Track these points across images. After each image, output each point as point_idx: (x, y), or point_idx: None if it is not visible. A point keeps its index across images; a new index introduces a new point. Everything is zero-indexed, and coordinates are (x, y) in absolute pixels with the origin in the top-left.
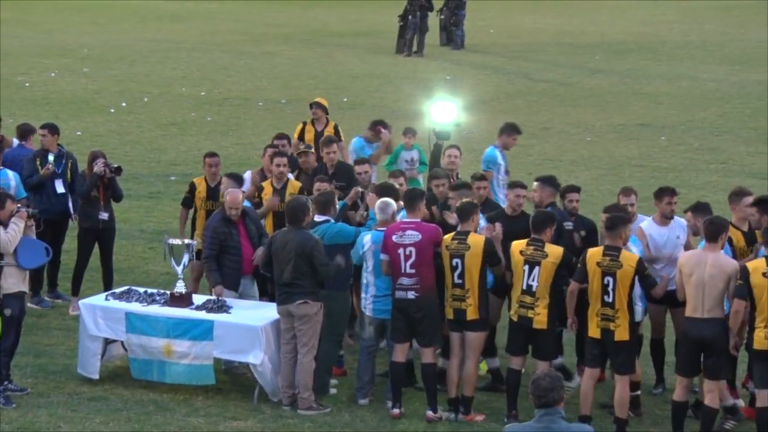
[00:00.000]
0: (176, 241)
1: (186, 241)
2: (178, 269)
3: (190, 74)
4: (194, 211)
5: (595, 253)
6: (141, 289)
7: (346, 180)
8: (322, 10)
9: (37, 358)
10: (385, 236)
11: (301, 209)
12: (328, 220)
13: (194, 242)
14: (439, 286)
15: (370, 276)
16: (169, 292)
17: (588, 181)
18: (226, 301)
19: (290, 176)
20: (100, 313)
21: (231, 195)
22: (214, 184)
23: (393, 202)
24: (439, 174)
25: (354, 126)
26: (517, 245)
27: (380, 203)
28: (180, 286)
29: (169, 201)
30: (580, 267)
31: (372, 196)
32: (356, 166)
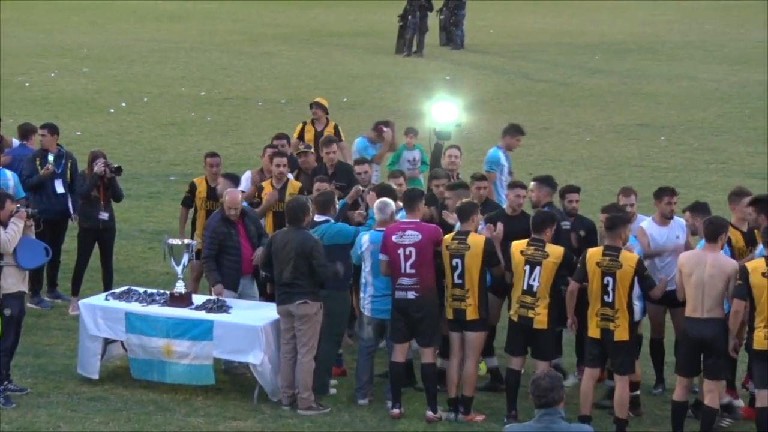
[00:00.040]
0: (176, 241)
1: (186, 241)
2: (178, 269)
3: (190, 74)
4: (194, 211)
5: (594, 253)
6: (141, 289)
7: (346, 180)
8: (321, 10)
9: (37, 358)
10: (385, 236)
11: (301, 209)
12: (328, 220)
13: (194, 242)
14: (439, 286)
15: (368, 276)
16: (168, 292)
17: (588, 181)
18: (226, 301)
19: (290, 176)
20: (100, 313)
21: (230, 195)
22: (214, 184)
23: (391, 202)
24: (439, 174)
25: (354, 126)
26: (518, 245)
27: (379, 203)
28: (180, 286)
29: (169, 201)
30: (579, 267)
31: (372, 195)
32: (356, 166)
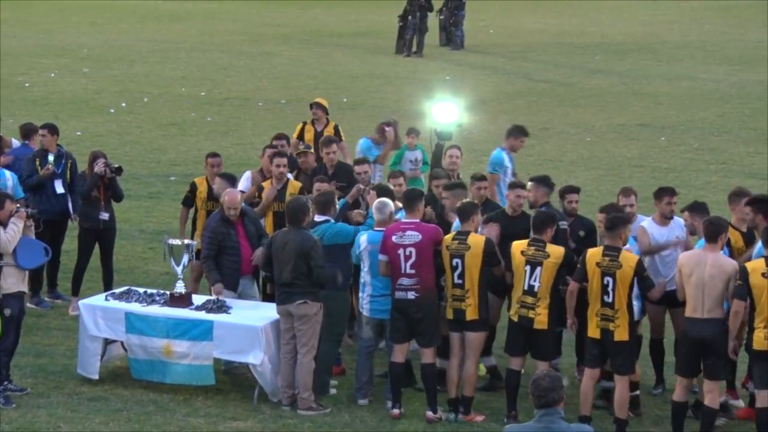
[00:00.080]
0: (176, 242)
1: (186, 242)
2: (178, 269)
3: (190, 74)
4: (195, 211)
5: (594, 254)
6: (141, 290)
7: (346, 180)
8: (321, 10)
9: (37, 358)
10: (385, 237)
11: (301, 209)
12: (328, 220)
13: (194, 242)
14: (438, 286)
15: (366, 276)
16: (168, 293)
17: (588, 181)
18: (226, 302)
19: (289, 176)
20: (100, 314)
21: (229, 195)
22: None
23: (390, 202)
24: (440, 174)
25: (354, 126)
26: (518, 245)
27: (377, 203)
28: (180, 287)
29: (169, 201)
30: (579, 267)
31: (373, 194)
32: (356, 166)
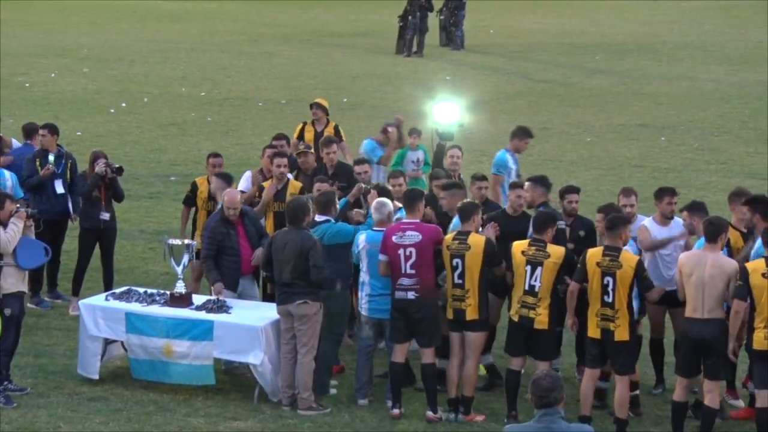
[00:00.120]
0: (176, 242)
1: (186, 242)
2: (178, 269)
3: (190, 74)
4: (195, 211)
5: (594, 254)
6: (141, 290)
7: (346, 180)
8: (321, 10)
9: (37, 358)
10: (385, 237)
11: (301, 209)
12: (329, 219)
13: (194, 242)
14: (436, 284)
15: (365, 275)
16: (169, 293)
17: (588, 181)
18: (226, 302)
19: (289, 176)
20: (100, 314)
21: (229, 195)
22: None
23: (389, 201)
24: (440, 174)
25: (354, 126)
26: (519, 245)
27: (376, 203)
28: (180, 287)
29: (169, 201)
30: (579, 267)
31: (374, 193)
32: (356, 166)
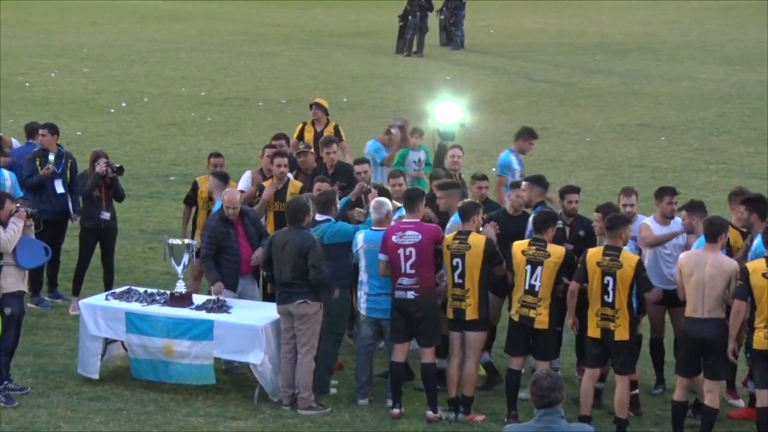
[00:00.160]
0: (176, 241)
1: (186, 241)
2: (178, 269)
3: (190, 74)
4: (195, 210)
5: (595, 253)
6: (141, 289)
7: (346, 180)
8: (321, 10)
9: (37, 358)
10: (385, 236)
11: (301, 209)
12: (329, 219)
13: (194, 242)
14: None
15: (364, 274)
16: (169, 292)
17: (588, 181)
18: (226, 301)
19: (290, 176)
20: (100, 313)
21: (228, 195)
22: None
23: (387, 201)
24: (440, 174)
25: (354, 126)
26: (519, 245)
27: (374, 203)
28: (180, 286)
29: (169, 201)
30: (580, 267)
31: (374, 193)
32: (356, 166)
